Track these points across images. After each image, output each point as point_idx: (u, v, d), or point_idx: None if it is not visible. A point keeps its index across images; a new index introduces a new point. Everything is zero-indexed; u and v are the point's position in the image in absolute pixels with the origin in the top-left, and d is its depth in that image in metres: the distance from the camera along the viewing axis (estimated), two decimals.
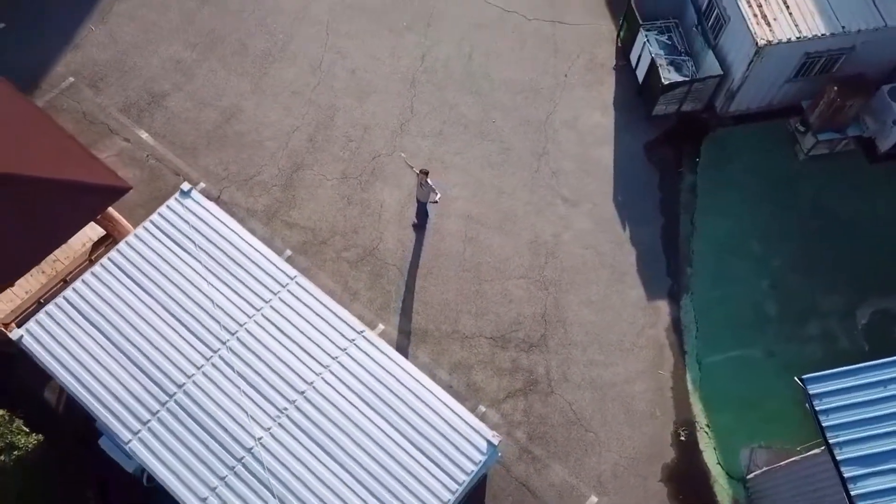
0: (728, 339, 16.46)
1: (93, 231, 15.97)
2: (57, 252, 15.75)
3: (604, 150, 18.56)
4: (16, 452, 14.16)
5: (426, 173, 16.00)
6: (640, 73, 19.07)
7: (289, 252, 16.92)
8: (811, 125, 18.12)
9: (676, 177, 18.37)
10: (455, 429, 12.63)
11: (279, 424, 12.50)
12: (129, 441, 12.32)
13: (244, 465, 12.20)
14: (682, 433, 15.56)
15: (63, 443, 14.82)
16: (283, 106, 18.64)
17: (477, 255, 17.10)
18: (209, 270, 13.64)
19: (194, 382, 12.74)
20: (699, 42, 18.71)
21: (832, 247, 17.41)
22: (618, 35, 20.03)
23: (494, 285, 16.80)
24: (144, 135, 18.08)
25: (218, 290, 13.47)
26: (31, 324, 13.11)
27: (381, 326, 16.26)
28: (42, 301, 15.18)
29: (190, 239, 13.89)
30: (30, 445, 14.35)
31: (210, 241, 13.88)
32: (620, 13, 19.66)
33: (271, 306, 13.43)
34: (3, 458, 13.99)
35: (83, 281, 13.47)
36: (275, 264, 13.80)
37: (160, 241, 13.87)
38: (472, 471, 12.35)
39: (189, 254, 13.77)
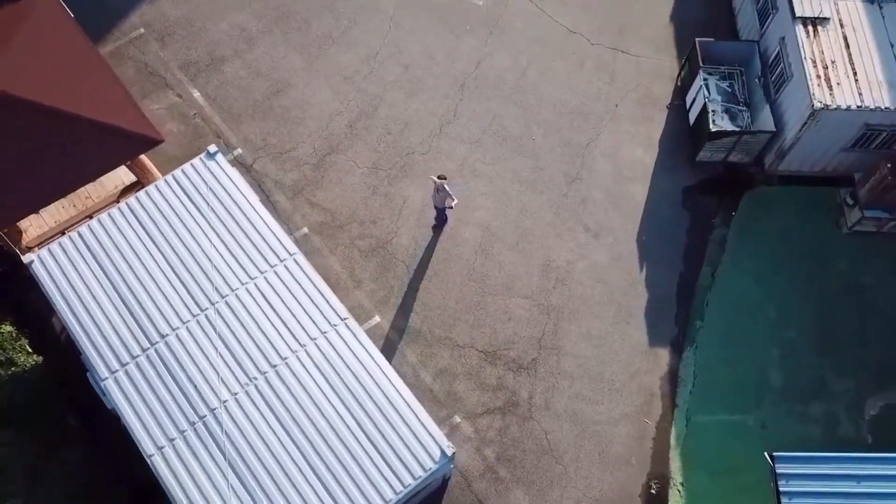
0: (723, 400, 15.93)
1: (126, 176, 16.71)
2: (90, 189, 16.58)
3: (637, 187, 18.21)
4: (13, 368, 15.02)
5: (444, 179, 16.07)
6: (692, 116, 18.63)
7: (305, 230, 17.29)
8: (860, 199, 17.32)
9: (708, 227, 17.86)
10: (414, 432, 12.68)
11: (246, 392, 12.83)
12: (105, 379, 12.87)
13: (204, 424, 12.57)
14: (654, 486, 15.15)
15: (63, 371, 15.54)
16: (332, 89, 19.03)
17: (486, 267, 17.07)
18: (215, 233, 14.09)
19: (177, 336, 13.20)
20: (759, 94, 18.15)
21: (856, 329, 16.61)
22: (679, 74, 19.61)
23: (497, 300, 16.73)
24: (196, 94, 18.78)
25: (219, 252, 13.90)
26: (42, 251, 13.84)
27: (376, 318, 16.44)
28: (64, 233, 15.98)
29: (204, 199, 14.37)
30: (28, 365, 15.19)
31: (222, 205, 14.33)
32: (687, 52, 19.22)
33: (265, 278, 13.77)
34: (1, 372, 14.88)
35: (98, 220, 14.14)
36: (278, 239, 14.13)
37: (177, 196, 14.41)
38: (420, 476, 12.37)
39: (201, 213, 14.25)
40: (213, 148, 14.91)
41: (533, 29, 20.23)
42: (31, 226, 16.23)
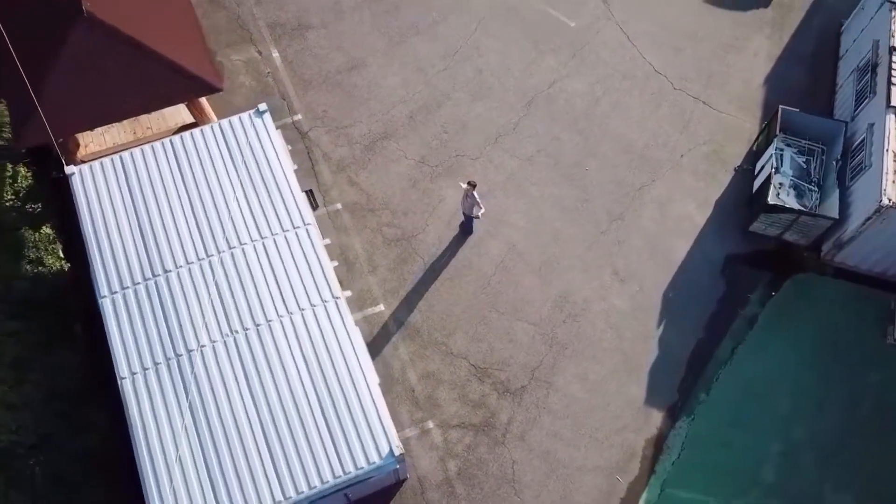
0: (706, 481, 15.16)
1: (189, 116, 17.47)
2: (152, 121, 17.48)
3: (680, 242, 17.52)
4: (40, 268, 16.03)
5: (473, 185, 15.98)
6: (756, 183, 17.76)
7: (339, 206, 17.60)
8: None
9: (742, 300, 17.00)
10: (369, 424, 12.72)
11: (224, 343, 13.21)
12: (103, 298, 13.55)
13: (178, 362, 13.04)
14: None
15: (83, 284, 16.41)
16: (404, 77, 19.24)
17: (502, 284, 16.87)
18: (241, 186, 14.55)
19: (178, 274, 13.73)
20: (833, 178, 17.12)
21: (870, 447, 15.43)
22: (756, 138, 18.71)
23: (503, 319, 16.52)
24: (276, 54, 19.41)
25: (238, 206, 14.35)
26: (84, 167, 14.70)
27: (381, 307, 16.56)
28: None
29: (241, 153, 14.86)
30: (54, 268, 16.18)
31: (255, 163, 14.77)
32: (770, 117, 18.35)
33: (274, 240, 14.12)
34: (28, 268, 15.91)
35: (141, 151, 14.86)
36: (297, 206, 14.44)
37: (217, 144, 14.95)
38: (362, 468, 12.40)
39: (233, 165, 14.75)
40: (263, 106, 15.38)
41: (617, 60, 19.78)
42: (92, 142, 17.25)
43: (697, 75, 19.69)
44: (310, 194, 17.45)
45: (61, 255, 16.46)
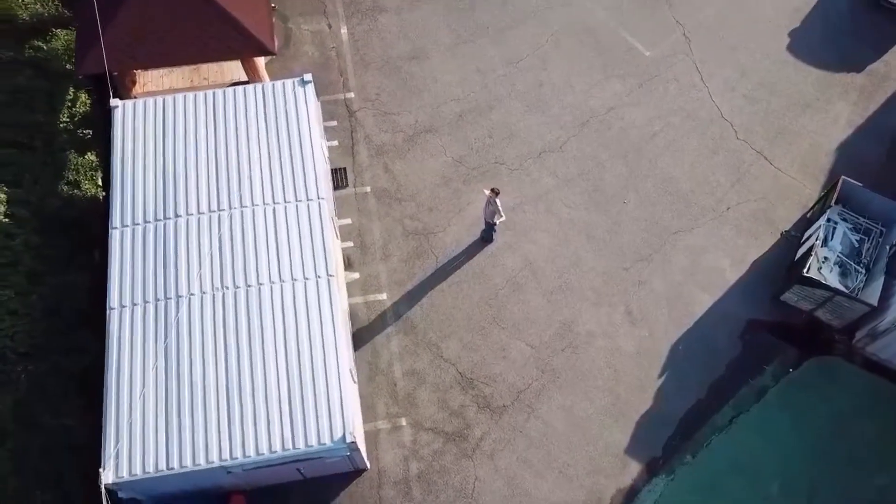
0: None
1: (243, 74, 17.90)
2: (210, 72, 18.01)
3: (703, 296, 16.73)
4: (76, 191, 16.76)
5: (496, 193, 15.70)
6: (800, 252, 16.75)
7: (368, 189, 17.67)
8: None
9: (755, 370, 16.09)
10: (329, 407, 12.70)
11: (212, 296, 13.46)
12: (114, 229, 14.04)
13: (165, 305, 13.37)
14: None
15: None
16: (462, 76, 19.12)
17: (510, 299, 16.53)
18: (267, 150, 14.79)
19: (187, 221, 14.08)
20: (882, 264, 15.95)
21: None
22: (813, 205, 17.64)
23: (501, 335, 16.19)
24: (344, 31, 19.64)
25: (260, 168, 14.59)
26: (127, 102, 15.26)
27: (384, 295, 16.52)
28: None
29: (276, 118, 15.10)
30: (89, 194, 16.88)
31: (287, 130, 14.98)
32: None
33: (284, 207, 14.28)
34: (65, 188, 16.66)
35: (183, 97, 15.30)
36: (315, 181, 14.56)
37: (255, 105, 15.23)
38: (312, 447, 12.41)
39: (266, 128, 15.00)
40: (307, 77, 15.59)
41: (684, 98, 19.05)
42: (151, 82, 17.92)
43: (765, 129, 18.74)
44: (342, 172, 17.68)
45: (99, 182, 17.15)
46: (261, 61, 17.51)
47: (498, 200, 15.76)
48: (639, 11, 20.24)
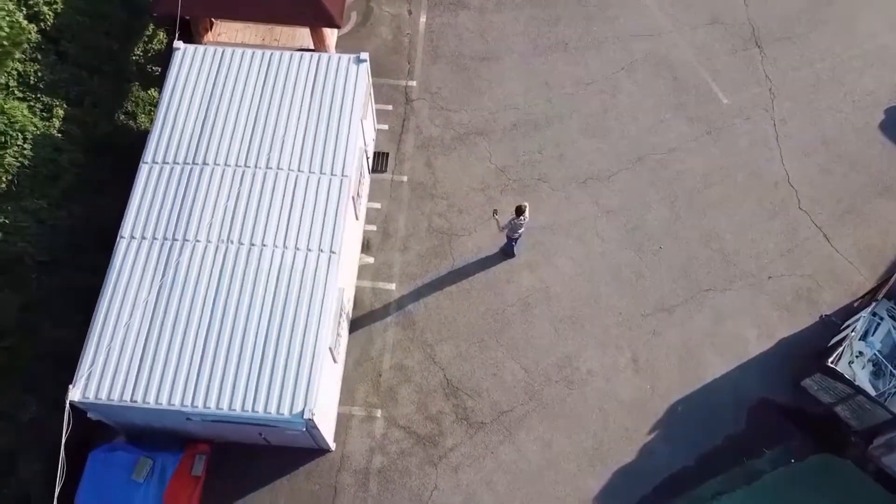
0: None
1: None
2: (283, 34, 18.37)
3: (718, 362, 15.84)
4: (131, 122, 17.42)
5: (521, 210, 15.28)
6: (834, 339, 15.60)
7: (405, 178, 17.60)
8: None
9: (754, 451, 15.10)
10: (297, 380, 12.66)
11: (216, 247, 13.66)
12: (144, 163, 14.48)
13: (171, 245, 13.64)
14: None
15: None
16: (528, 86, 18.77)
17: (514, 319, 16.14)
18: (307, 118, 14.90)
19: (212, 170, 14.33)
20: None
21: None
22: (863, 296, 16.39)
23: (498, 351, 15.82)
24: (423, 19, 19.63)
25: (295, 134, 14.72)
26: (189, 47, 15.68)
27: (393, 285, 16.43)
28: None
29: (323, 88, 15.21)
30: (141, 127, 17.50)
31: (331, 103, 15.05)
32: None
33: (307, 177, 14.36)
34: (122, 118, 17.34)
35: (241, 52, 15.58)
36: (344, 158, 14.59)
37: (308, 72, 15.35)
38: (269, 414, 12.41)
39: (311, 97, 15.12)
40: (364, 55, 15.62)
41: (753, 155, 18.08)
42: (225, 33, 18.42)
43: (833, 205, 17.56)
44: (384, 156, 17.69)
45: (153, 119, 17.75)
46: (330, 33, 17.69)
47: (526, 214, 15.32)
48: (728, 57, 19.35)
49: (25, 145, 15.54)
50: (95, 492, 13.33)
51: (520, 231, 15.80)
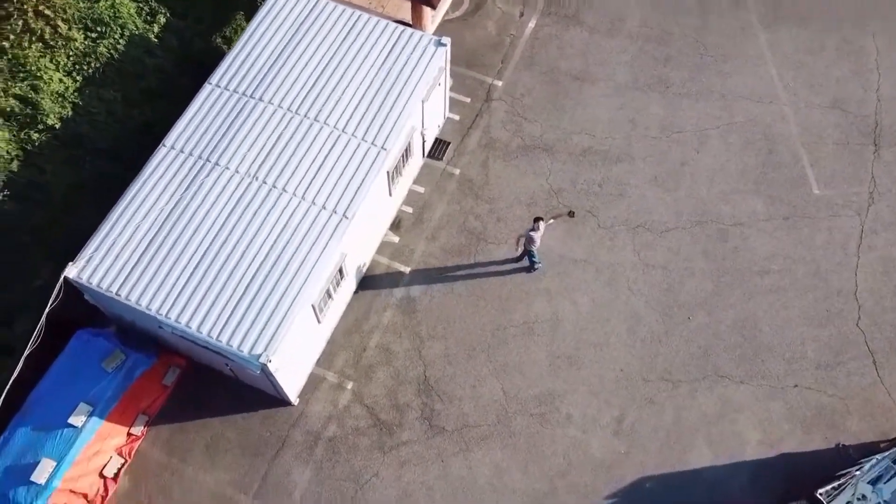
0: None
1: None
2: (389, 4, 18.61)
3: (706, 452, 14.75)
4: (224, 46, 18.16)
5: (538, 222, 14.85)
6: (840, 472, 14.15)
7: (457, 171, 17.45)
8: None
9: None
10: (267, 325, 12.94)
11: (242, 179, 14.10)
12: (209, 84, 15.10)
13: (204, 165, 14.21)
14: None
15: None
16: (612, 117, 18.09)
17: (515, 341, 15.68)
18: (370, 85, 15.07)
19: (263, 108, 14.72)
20: None
21: None
22: (892, 439, 14.76)
23: (484, 367, 15.44)
24: (531, 25, 19.31)
25: (352, 97, 14.92)
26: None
27: (407, 269, 16.36)
28: None
29: (394, 63, 15.31)
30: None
31: (396, 77, 15.13)
32: None
33: (347, 140, 14.54)
34: (219, 41, 18.12)
35: (333, 6, 15.86)
36: (390, 131, 14.65)
37: (387, 42, 15.50)
38: (231, 347, 12.77)
39: (382, 66, 15.25)
40: (445, 40, 15.59)
41: (826, 256, 16.60)
42: None
43: (894, 333, 15.87)
44: (444, 145, 17.62)
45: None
46: (430, 13, 17.74)
47: (543, 225, 14.91)
48: (837, 146, 17.85)
49: (121, 40, 16.62)
50: (68, 367, 14.13)
51: (532, 246, 15.35)
